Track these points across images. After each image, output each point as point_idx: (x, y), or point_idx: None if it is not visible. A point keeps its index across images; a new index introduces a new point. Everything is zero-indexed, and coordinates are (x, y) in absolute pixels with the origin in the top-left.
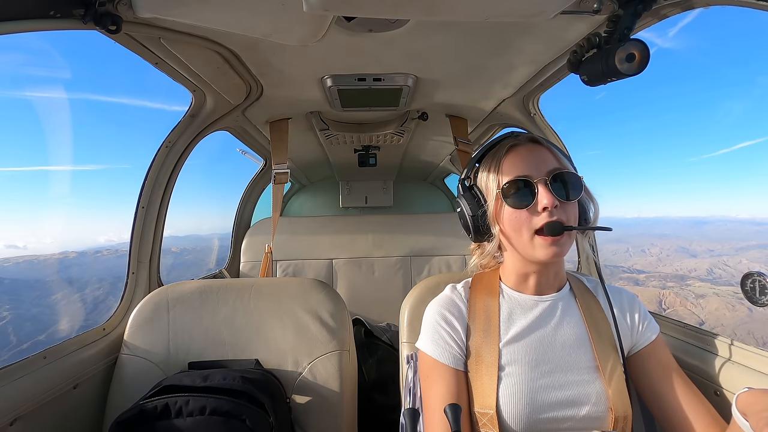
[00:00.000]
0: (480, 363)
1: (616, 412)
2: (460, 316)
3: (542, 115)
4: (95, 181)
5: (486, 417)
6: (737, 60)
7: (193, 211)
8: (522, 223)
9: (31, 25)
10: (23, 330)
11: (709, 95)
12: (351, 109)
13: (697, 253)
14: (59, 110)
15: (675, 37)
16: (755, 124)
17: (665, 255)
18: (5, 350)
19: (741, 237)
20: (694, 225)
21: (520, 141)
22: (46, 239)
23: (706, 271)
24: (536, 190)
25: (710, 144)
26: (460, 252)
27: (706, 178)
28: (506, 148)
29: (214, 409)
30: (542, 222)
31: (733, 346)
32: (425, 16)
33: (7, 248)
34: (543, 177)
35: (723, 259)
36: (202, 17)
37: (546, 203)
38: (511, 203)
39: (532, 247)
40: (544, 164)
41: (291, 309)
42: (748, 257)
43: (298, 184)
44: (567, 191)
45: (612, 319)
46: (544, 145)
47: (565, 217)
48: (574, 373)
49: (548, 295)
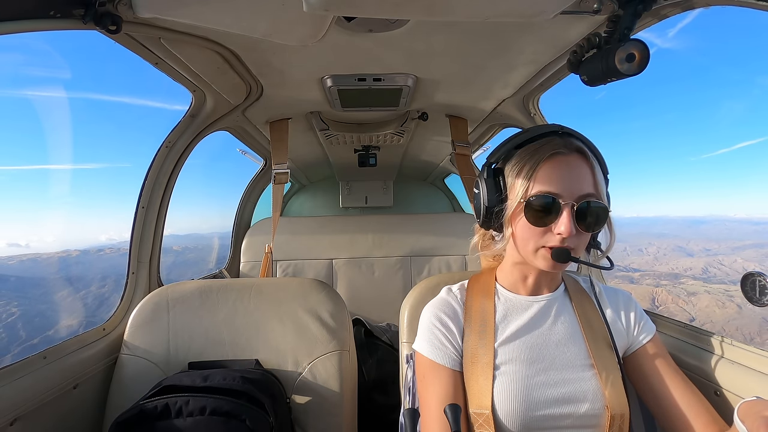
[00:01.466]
0: (475, 364)
1: (613, 410)
2: (455, 318)
3: (542, 115)
4: (96, 180)
5: (482, 417)
6: (738, 60)
7: (193, 210)
8: (533, 237)
9: (31, 25)
10: (32, 326)
11: (709, 95)
12: (351, 109)
13: (694, 253)
14: (59, 109)
15: (675, 38)
16: (755, 124)
17: (662, 254)
18: (15, 344)
19: (738, 236)
20: (692, 224)
21: (566, 150)
22: (48, 238)
23: (702, 270)
24: (560, 212)
25: (711, 144)
26: (460, 252)
27: (706, 177)
28: (549, 154)
29: (214, 409)
30: (552, 243)
31: (732, 346)
32: (425, 16)
33: (9, 246)
34: (572, 201)
35: (718, 258)
36: (202, 17)
37: (563, 231)
38: (530, 218)
39: (534, 257)
40: (579, 186)
41: (291, 309)
42: (743, 256)
43: (298, 184)
44: (589, 222)
45: (605, 323)
46: (589, 161)
47: (574, 243)
48: (569, 371)
49: (543, 295)
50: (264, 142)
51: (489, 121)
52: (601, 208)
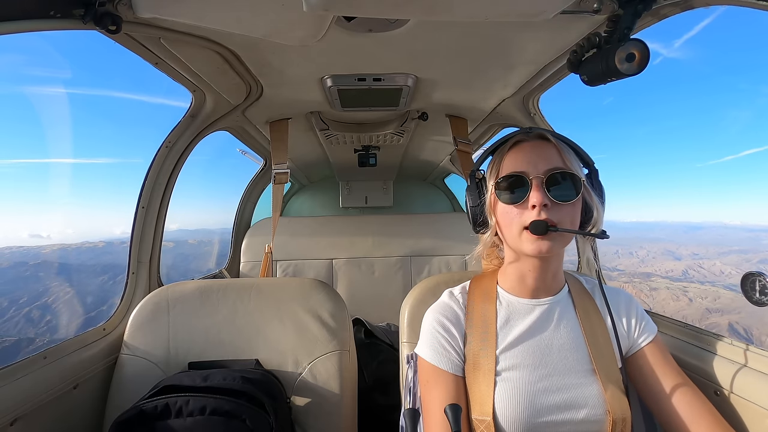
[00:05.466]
0: (477, 370)
1: (614, 414)
2: (457, 323)
3: (542, 115)
4: (109, 174)
5: (483, 424)
6: (745, 68)
7: (198, 206)
8: (512, 219)
9: (31, 25)
10: (86, 304)
11: (717, 101)
12: (351, 109)
13: (682, 257)
14: (62, 104)
15: (680, 48)
16: (762, 131)
17: (651, 257)
18: (77, 317)
19: (728, 243)
20: (688, 230)
21: (528, 137)
22: (67, 230)
23: (681, 272)
24: (530, 187)
25: (718, 150)
26: (460, 252)
27: (711, 183)
28: (512, 143)
29: (215, 409)
30: (530, 219)
31: (732, 346)
32: (425, 16)
33: (31, 237)
34: (539, 175)
35: (699, 261)
36: (202, 17)
37: (535, 201)
38: (504, 198)
39: (520, 241)
40: (545, 162)
41: (291, 309)
42: (724, 261)
43: (298, 184)
44: (560, 191)
45: (611, 324)
46: (552, 142)
47: (556, 218)
48: (572, 376)
49: (545, 299)
50: (264, 142)
51: (489, 121)
52: (571, 175)
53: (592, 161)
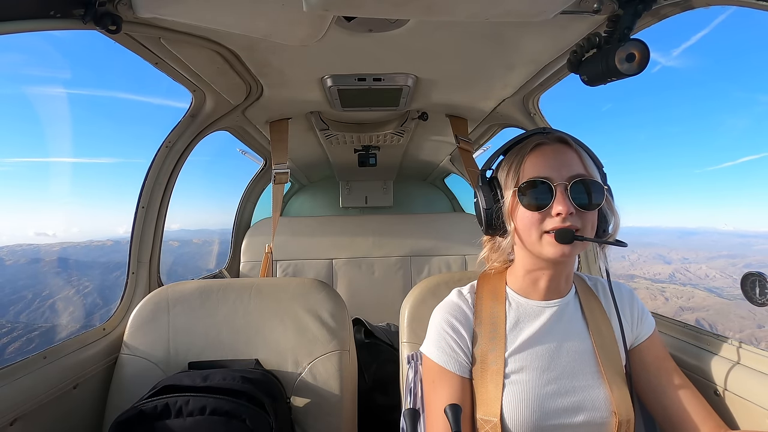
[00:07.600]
0: (485, 371)
1: (620, 416)
2: (466, 323)
3: (542, 115)
4: (112, 174)
5: (489, 425)
6: (745, 75)
7: (197, 205)
8: (533, 223)
9: (31, 25)
10: (104, 296)
11: (715, 107)
12: (351, 109)
13: (672, 261)
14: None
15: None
16: (759, 138)
17: (641, 261)
18: (98, 308)
19: (719, 248)
20: (682, 235)
21: (548, 140)
22: (72, 229)
23: (668, 276)
24: (554, 194)
25: (715, 156)
26: (460, 252)
27: (707, 189)
28: (532, 146)
29: (214, 409)
30: (553, 226)
31: (732, 346)
32: (425, 16)
33: (37, 236)
34: (563, 182)
35: (687, 265)
36: (202, 17)
37: (561, 210)
38: (527, 204)
39: (540, 245)
40: (568, 168)
41: (291, 309)
42: (711, 265)
43: (298, 184)
44: (586, 200)
45: (619, 325)
46: (572, 147)
47: (580, 225)
48: (579, 379)
49: (554, 300)
50: (264, 142)
51: (489, 121)
52: (595, 183)
53: (602, 165)
